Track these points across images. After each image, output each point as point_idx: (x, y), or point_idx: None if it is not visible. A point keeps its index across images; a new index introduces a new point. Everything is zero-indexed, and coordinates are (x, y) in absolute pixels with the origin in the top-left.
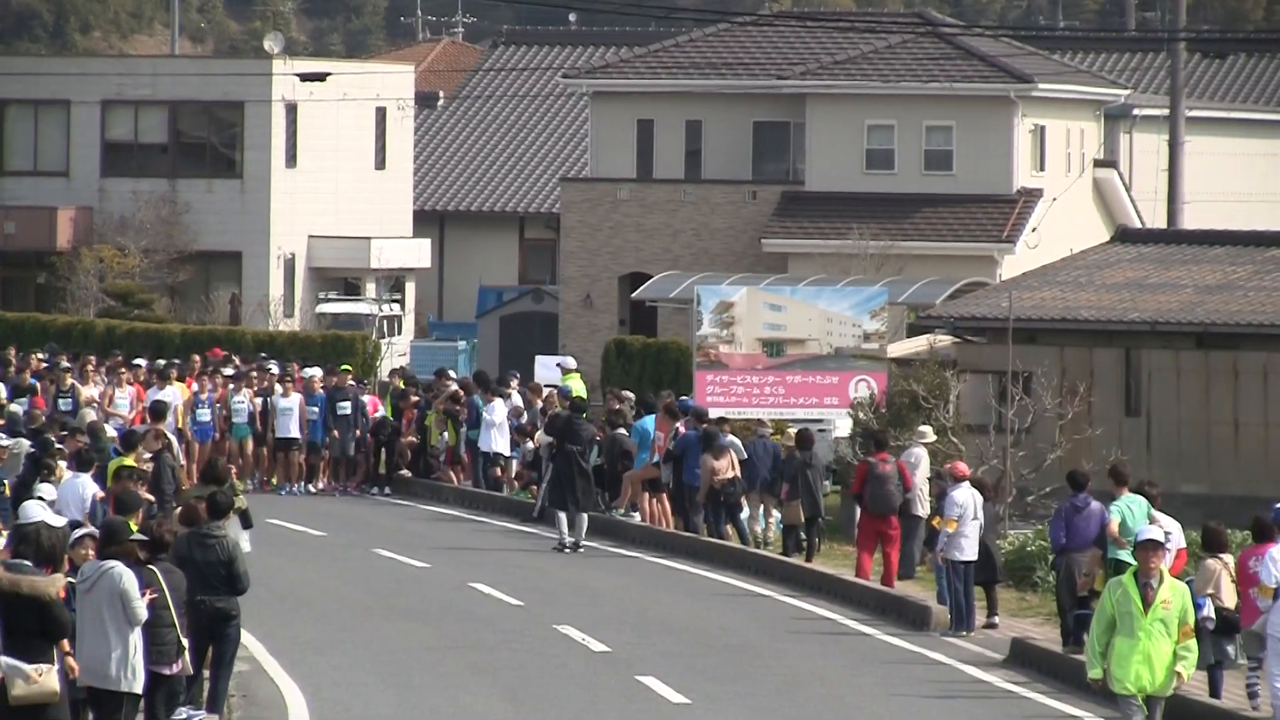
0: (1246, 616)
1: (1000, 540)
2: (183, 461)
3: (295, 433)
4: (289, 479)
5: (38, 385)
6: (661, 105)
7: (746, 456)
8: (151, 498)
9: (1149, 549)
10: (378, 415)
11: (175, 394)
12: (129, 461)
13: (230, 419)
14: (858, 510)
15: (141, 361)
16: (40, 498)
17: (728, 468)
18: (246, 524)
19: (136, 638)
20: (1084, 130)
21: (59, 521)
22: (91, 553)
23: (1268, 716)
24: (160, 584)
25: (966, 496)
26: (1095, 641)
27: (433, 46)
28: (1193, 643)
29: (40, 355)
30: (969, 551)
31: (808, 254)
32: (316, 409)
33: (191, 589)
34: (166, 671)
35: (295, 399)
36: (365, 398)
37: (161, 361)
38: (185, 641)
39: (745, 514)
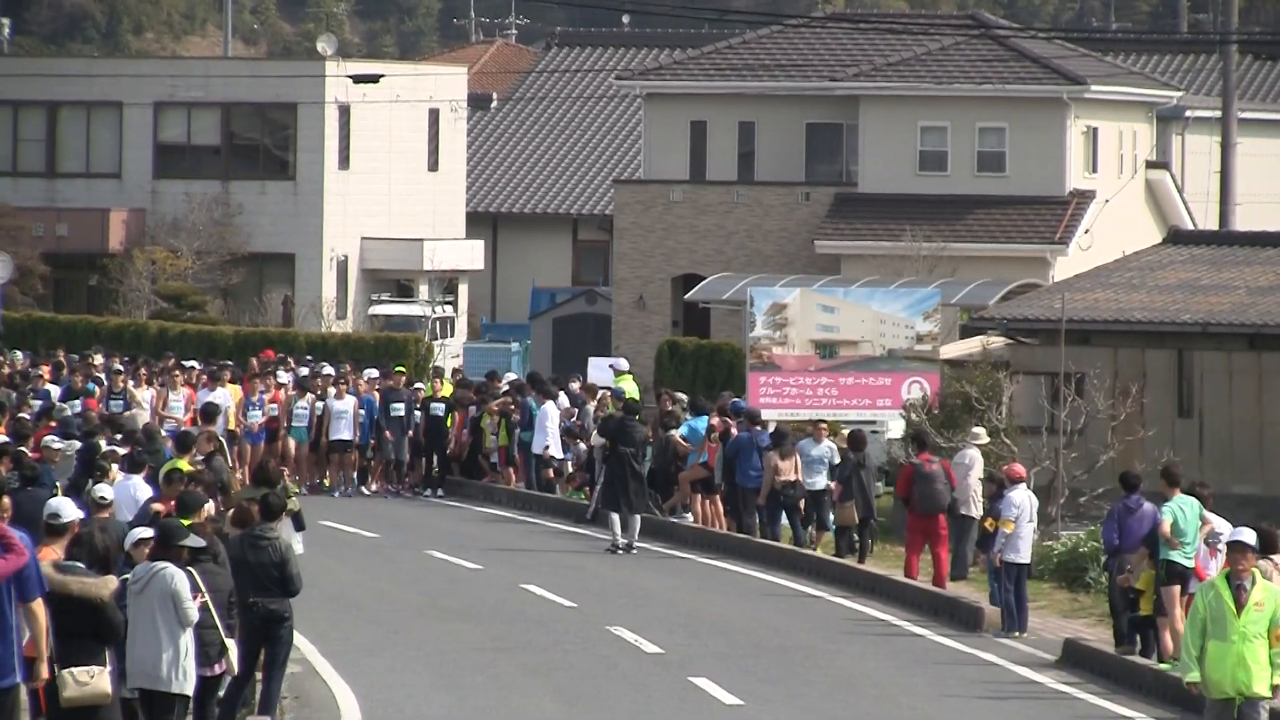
0: None
1: (1052, 541)
2: (234, 464)
3: (349, 435)
4: (342, 481)
5: (96, 390)
6: (714, 107)
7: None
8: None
9: (1239, 550)
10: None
11: (226, 396)
12: (182, 464)
13: (291, 424)
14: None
15: (195, 363)
16: (102, 498)
17: (791, 470)
18: (299, 526)
19: (187, 639)
20: (1136, 132)
21: (78, 514)
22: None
23: None
24: (198, 585)
25: (1023, 498)
26: (1190, 645)
27: (486, 48)
28: None
29: (100, 360)
30: (1024, 553)
31: (861, 255)
32: (364, 411)
33: (244, 591)
34: (209, 673)
35: (349, 401)
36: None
37: (213, 365)
38: (229, 642)
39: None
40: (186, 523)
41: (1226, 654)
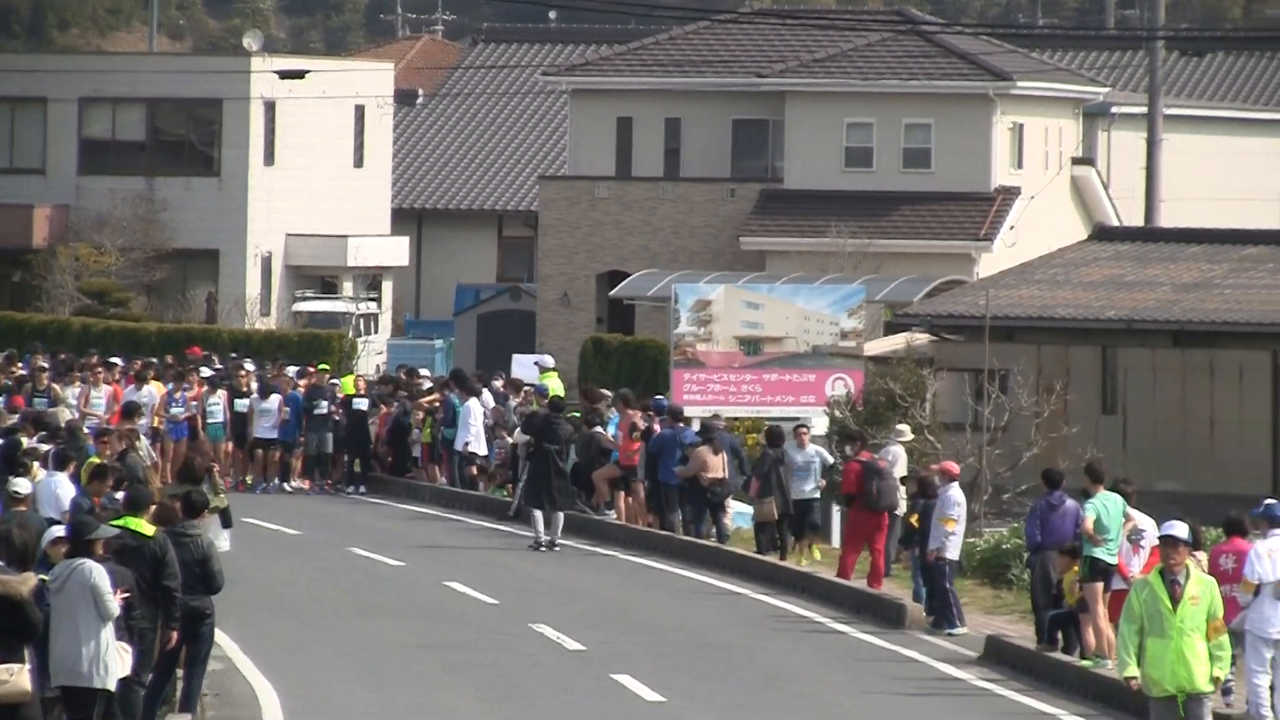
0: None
1: (974, 538)
2: (156, 459)
3: (273, 433)
4: (265, 477)
5: (13, 385)
6: (641, 103)
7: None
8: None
9: (1171, 544)
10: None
11: (151, 393)
12: (100, 460)
13: (206, 421)
14: (836, 509)
15: (118, 361)
16: (16, 492)
17: (720, 467)
18: (226, 523)
19: (108, 634)
20: (1062, 128)
21: None
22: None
23: (1241, 714)
24: (118, 581)
25: (961, 495)
26: (1126, 640)
27: (412, 44)
28: (1225, 639)
29: (19, 365)
30: (956, 550)
31: (786, 252)
32: (288, 408)
33: None
34: None
35: (274, 399)
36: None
37: (139, 362)
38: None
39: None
40: (135, 523)
41: (1165, 651)
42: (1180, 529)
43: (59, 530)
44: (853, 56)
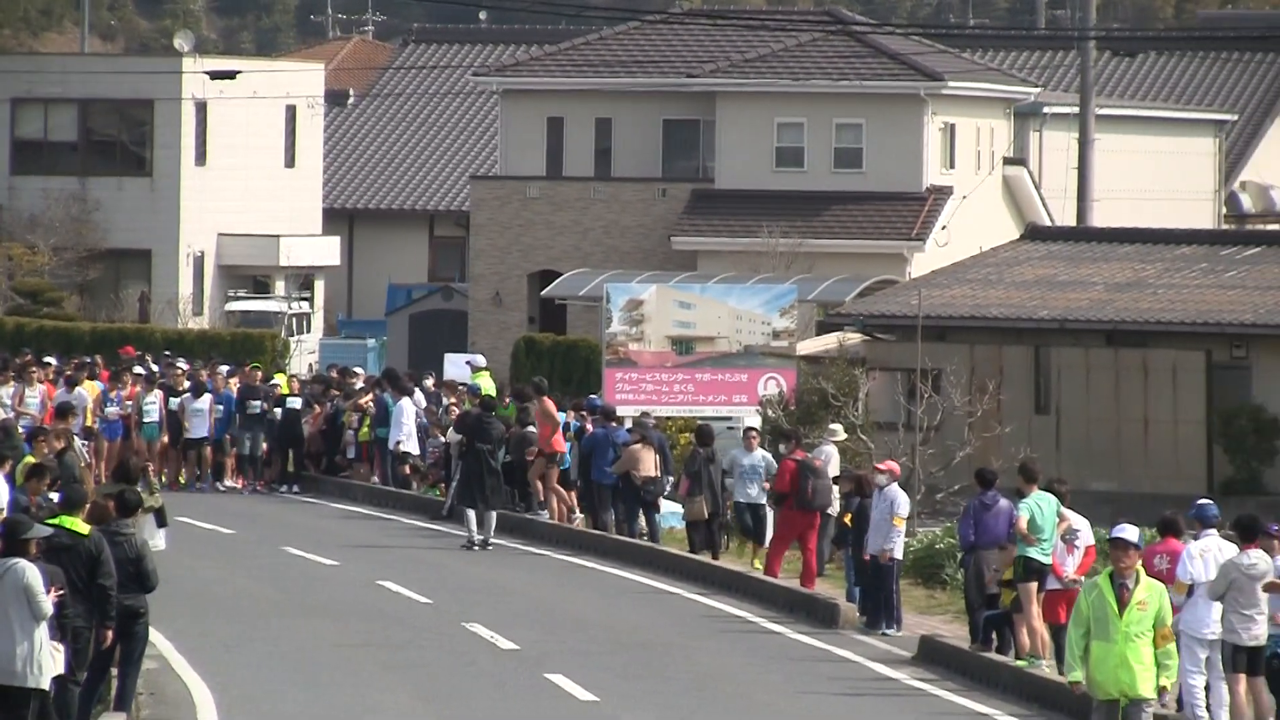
0: None
1: (908, 538)
2: (89, 460)
3: (205, 432)
4: (198, 477)
5: None
6: (572, 103)
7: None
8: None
9: (1121, 548)
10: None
11: (83, 395)
12: (34, 459)
13: (141, 420)
14: (767, 508)
15: (52, 360)
16: None
17: (653, 465)
18: (162, 522)
19: (42, 633)
20: (994, 128)
21: None
22: None
23: (1176, 715)
24: (51, 580)
25: (904, 495)
26: (1074, 644)
27: (343, 44)
28: (1172, 647)
29: None
30: (901, 549)
31: (717, 252)
32: (221, 407)
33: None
34: None
35: (206, 398)
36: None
37: (74, 363)
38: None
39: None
40: (71, 522)
41: (1109, 654)
42: (1131, 532)
43: None
44: (783, 57)
